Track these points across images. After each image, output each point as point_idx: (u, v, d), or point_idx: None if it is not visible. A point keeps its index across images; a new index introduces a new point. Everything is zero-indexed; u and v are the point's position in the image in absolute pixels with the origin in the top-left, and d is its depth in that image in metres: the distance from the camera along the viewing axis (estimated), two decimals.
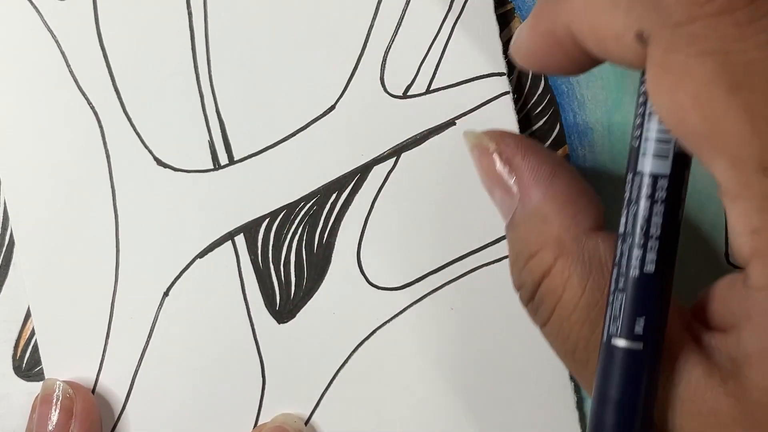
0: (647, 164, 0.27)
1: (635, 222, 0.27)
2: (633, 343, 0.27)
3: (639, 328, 0.27)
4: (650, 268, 0.27)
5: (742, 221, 0.26)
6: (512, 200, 0.32)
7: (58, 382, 0.37)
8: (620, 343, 0.27)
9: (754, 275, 0.27)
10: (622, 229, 0.28)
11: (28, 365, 0.38)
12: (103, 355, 0.38)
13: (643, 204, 0.27)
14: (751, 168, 0.25)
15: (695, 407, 0.28)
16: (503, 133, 0.33)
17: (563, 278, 0.30)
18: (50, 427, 0.36)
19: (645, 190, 0.27)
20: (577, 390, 0.38)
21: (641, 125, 0.27)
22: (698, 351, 0.28)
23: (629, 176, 0.27)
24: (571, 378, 0.38)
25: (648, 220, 0.27)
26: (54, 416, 0.36)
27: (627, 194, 0.28)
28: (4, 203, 0.38)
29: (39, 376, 0.38)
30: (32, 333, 0.38)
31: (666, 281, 0.28)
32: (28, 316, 0.38)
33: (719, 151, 0.25)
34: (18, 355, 0.39)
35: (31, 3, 0.37)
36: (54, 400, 0.36)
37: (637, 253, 0.27)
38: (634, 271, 0.27)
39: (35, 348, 0.38)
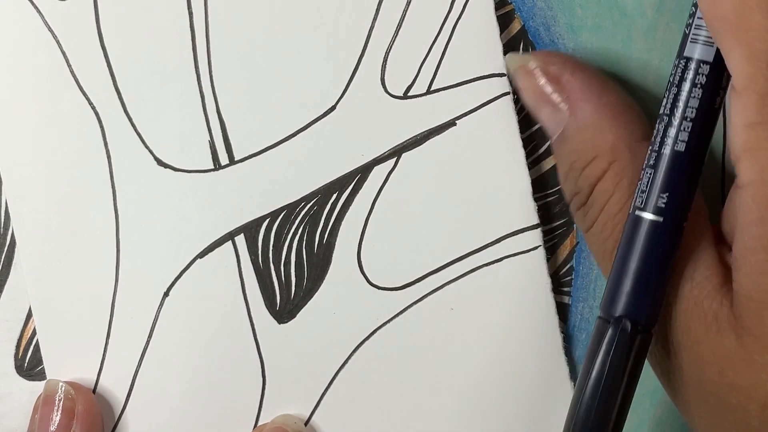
0: (691, 50, 0.29)
1: (673, 103, 0.30)
2: (655, 216, 0.29)
3: (662, 203, 0.30)
4: (680, 147, 0.29)
5: (741, 115, 0.27)
6: (561, 116, 0.33)
7: (60, 383, 0.37)
8: (643, 215, 0.30)
9: (741, 172, 0.28)
10: (661, 110, 0.30)
11: (30, 364, 0.39)
12: (104, 356, 0.38)
13: (682, 87, 0.29)
14: (763, 62, 0.26)
15: (695, 309, 0.29)
16: (547, 52, 0.35)
17: (615, 181, 0.32)
18: (52, 428, 0.36)
19: (686, 74, 0.29)
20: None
21: (693, 14, 0.29)
22: (713, 254, 0.30)
23: (675, 61, 0.30)
24: (571, 376, 0.38)
25: (685, 102, 0.29)
26: (56, 417, 0.36)
27: (670, 78, 0.30)
28: (5, 203, 0.38)
29: (41, 376, 0.38)
30: (34, 332, 0.38)
31: (694, 163, 0.30)
32: (29, 315, 0.38)
33: (739, 41, 0.27)
34: (20, 354, 0.39)
35: (32, 3, 0.36)
36: (56, 401, 0.36)
37: (670, 131, 0.30)
38: (664, 149, 0.30)
39: (37, 347, 0.38)
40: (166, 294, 0.37)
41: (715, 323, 0.29)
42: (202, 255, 0.37)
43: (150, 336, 0.37)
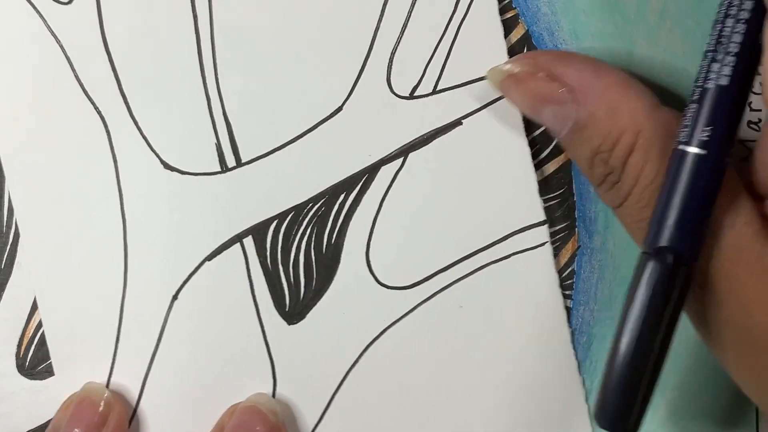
0: None
1: (717, 39, 0.30)
2: (699, 150, 0.30)
3: (706, 136, 0.30)
4: (723, 81, 0.30)
5: None
6: (567, 109, 0.33)
7: (103, 389, 0.37)
8: (687, 149, 0.30)
9: None
10: (706, 48, 0.30)
11: (31, 364, 0.38)
12: (114, 359, 0.38)
13: (726, 22, 0.30)
14: None
15: (738, 255, 0.30)
16: (525, 54, 0.35)
17: (645, 150, 0.32)
18: (79, 428, 0.36)
19: (729, 10, 0.30)
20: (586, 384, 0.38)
21: None
22: (749, 200, 0.31)
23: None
24: (580, 372, 0.38)
25: (728, 37, 0.30)
26: (89, 419, 0.36)
27: (716, 16, 0.30)
28: (10, 203, 0.37)
29: (42, 375, 0.38)
30: (35, 332, 0.38)
31: (737, 97, 0.30)
32: (31, 315, 0.38)
33: None
34: (21, 353, 0.39)
35: (34, 7, 0.36)
36: (92, 403, 0.36)
37: (713, 67, 0.30)
38: (707, 83, 0.30)
39: (38, 346, 0.38)
40: (175, 297, 0.37)
41: (761, 266, 0.29)
42: (210, 257, 0.37)
43: (159, 339, 0.37)
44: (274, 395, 0.38)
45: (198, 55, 0.37)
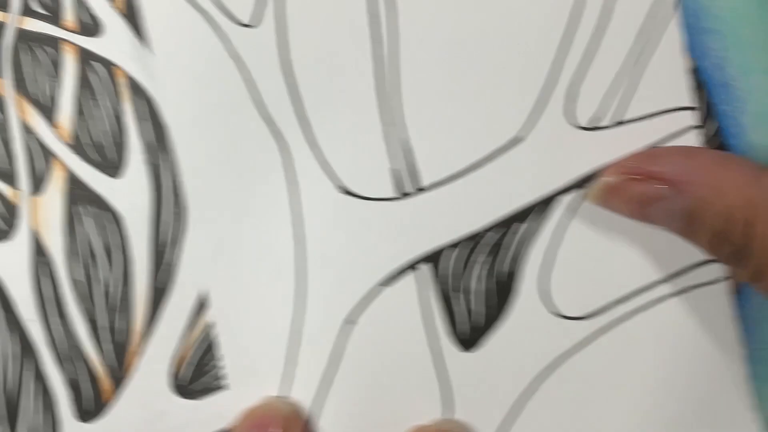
0: None
1: None
2: None
3: None
4: None
5: None
6: (672, 203, 0.33)
7: (286, 403, 0.37)
8: None
9: None
10: None
11: (186, 383, 0.39)
12: (289, 384, 0.38)
13: None
14: None
15: None
16: (616, 163, 0.35)
17: (765, 220, 0.32)
18: None
19: None
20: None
21: None
22: None
23: None
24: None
25: None
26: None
27: None
28: (174, 228, 0.38)
29: (197, 395, 0.39)
30: (193, 350, 0.38)
31: None
32: (187, 333, 0.38)
33: None
34: (177, 372, 0.39)
35: (217, 30, 0.37)
36: (274, 418, 0.36)
37: None
38: None
39: (195, 366, 0.38)
40: (349, 321, 0.37)
41: None
42: (385, 283, 0.37)
43: (332, 364, 0.37)
44: None
45: (381, 81, 0.37)
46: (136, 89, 0.38)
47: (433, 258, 0.37)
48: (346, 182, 0.37)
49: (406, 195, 0.37)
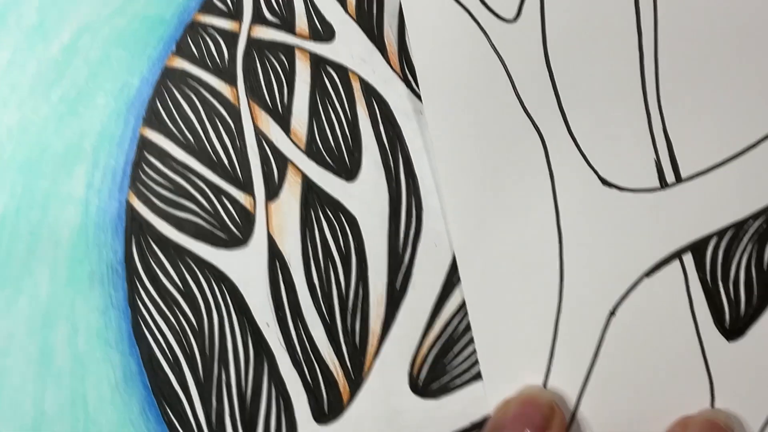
0: None
1: None
2: None
3: None
4: None
5: None
6: None
7: (548, 392, 0.37)
8: None
9: None
10: None
11: (424, 383, 0.39)
12: (547, 375, 0.37)
13: None
14: None
15: None
16: None
17: None
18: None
19: None
20: None
21: None
22: None
23: None
24: None
25: None
26: (532, 420, 0.36)
27: None
28: (407, 222, 0.38)
29: (435, 394, 0.39)
30: (429, 350, 0.38)
31: None
32: (425, 333, 0.38)
33: None
34: (415, 372, 0.39)
35: (479, 25, 0.37)
36: (537, 406, 0.37)
37: None
38: None
39: (432, 365, 0.39)
40: (612, 313, 0.37)
41: None
42: (648, 274, 0.37)
43: (596, 355, 0.37)
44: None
45: (640, 72, 0.37)
46: (371, 92, 0.39)
47: (697, 248, 0.37)
48: (608, 174, 0.37)
49: (667, 186, 0.37)
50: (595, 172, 0.37)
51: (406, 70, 0.39)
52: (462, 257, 0.38)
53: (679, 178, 0.37)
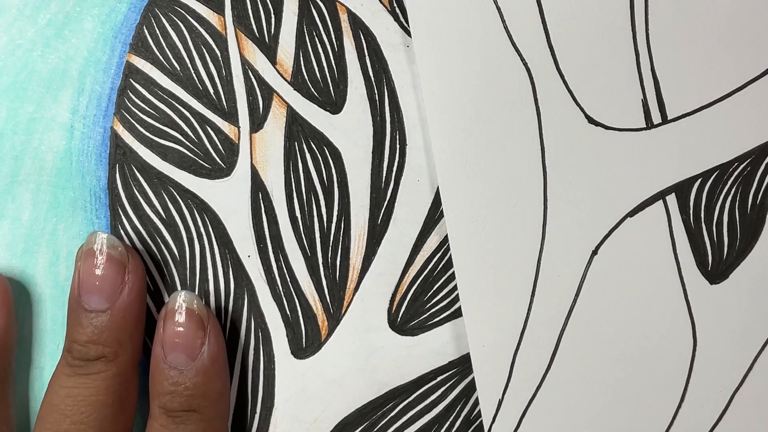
0: None
1: None
2: None
3: None
4: None
5: None
6: None
7: (118, 243, 0.36)
8: None
9: None
10: None
11: (402, 320, 0.39)
12: (528, 313, 0.37)
13: None
14: None
15: None
16: None
17: None
18: (99, 272, 0.35)
19: None
20: None
21: None
22: None
23: None
24: None
25: None
26: (103, 267, 0.36)
27: None
28: (403, 156, 0.38)
29: (413, 331, 0.39)
30: (408, 288, 0.38)
31: None
32: (405, 271, 0.38)
33: None
34: (393, 309, 0.38)
35: None
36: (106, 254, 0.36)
37: None
38: None
39: (410, 303, 0.38)
40: (594, 252, 0.37)
41: None
42: (631, 214, 0.37)
43: (577, 294, 0.37)
44: (693, 354, 0.37)
45: (630, 11, 0.36)
46: (358, 24, 0.38)
47: (681, 189, 0.37)
48: (594, 113, 0.37)
49: (653, 126, 0.36)
50: (582, 110, 0.37)
51: (394, 4, 0.38)
52: (446, 192, 0.37)
53: (665, 119, 0.37)
